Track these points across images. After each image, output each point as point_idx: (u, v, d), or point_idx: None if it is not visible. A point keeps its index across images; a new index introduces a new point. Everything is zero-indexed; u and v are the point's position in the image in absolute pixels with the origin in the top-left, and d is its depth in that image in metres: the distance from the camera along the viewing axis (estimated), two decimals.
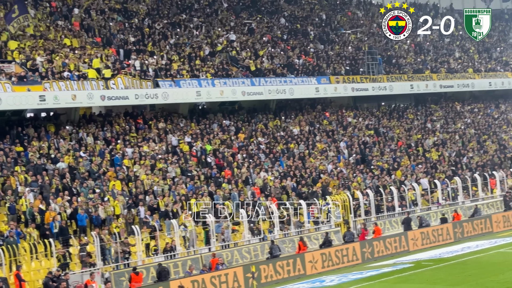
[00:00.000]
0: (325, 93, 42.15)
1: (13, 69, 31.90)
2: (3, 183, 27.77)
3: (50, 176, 28.97)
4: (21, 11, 33.69)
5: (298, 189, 33.60)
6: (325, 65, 44.45)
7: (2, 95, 29.49)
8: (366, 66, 45.50)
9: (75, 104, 32.33)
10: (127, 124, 35.05)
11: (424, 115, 47.73)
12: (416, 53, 51.96)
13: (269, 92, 39.25)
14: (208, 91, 36.87)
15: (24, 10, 34.00)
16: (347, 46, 48.60)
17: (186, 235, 28.25)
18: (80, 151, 31.40)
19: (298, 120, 41.45)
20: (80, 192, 28.51)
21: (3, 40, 33.48)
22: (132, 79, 34.42)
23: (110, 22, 39.45)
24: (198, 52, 40.28)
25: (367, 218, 33.21)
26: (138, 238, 26.54)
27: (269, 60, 42.48)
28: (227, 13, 46.45)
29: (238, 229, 29.94)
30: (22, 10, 33.77)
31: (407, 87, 46.11)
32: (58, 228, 26.16)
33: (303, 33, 48.20)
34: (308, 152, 37.91)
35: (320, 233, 30.78)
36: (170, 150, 34.00)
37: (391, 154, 40.33)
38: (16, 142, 30.56)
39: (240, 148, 36.11)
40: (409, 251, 30.83)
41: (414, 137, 43.55)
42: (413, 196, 35.77)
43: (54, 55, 33.95)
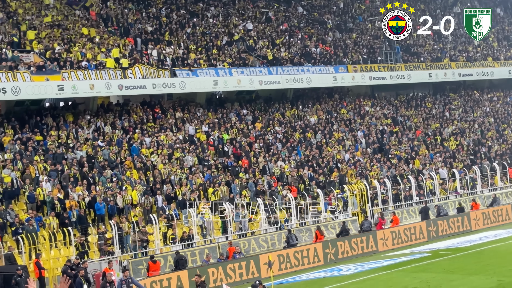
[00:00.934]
0: (343, 82, 41.98)
1: (32, 59, 32.13)
2: (22, 172, 28.04)
3: (69, 165, 29.21)
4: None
5: (316, 178, 33.57)
6: (343, 54, 44.26)
7: (21, 85, 29.72)
8: (384, 55, 45.22)
9: (93, 94, 32.51)
10: (144, 114, 35.20)
11: (443, 104, 47.41)
12: (435, 41, 51.54)
13: (287, 81, 39.16)
14: (225, 80, 36.88)
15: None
16: (365, 34, 48.32)
17: (203, 224, 28.37)
18: (98, 140, 31.61)
19: (315, 109, 41.36)
20: (99, 181, 28.72)
21: (22, 30, 33.69)
22: (149, 68, 34.53)
23: (128, 12, 39.53)
24: (215, 41, 40.28)
25: (385, 208, 33.12)
26: (156, 227, 26.71)
27: (286, 49, 42.38)
28: (244, 2, 46.34)
29: (255, 218, 30.01)
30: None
31: (426, 75, 45.80)
32: (76, 217, 26.41)
33: (320, 22, 47.98)
34: (325, 141, 37.84)
35: (337, 222, 30.77)
36: (187, 139, 34.11)
37: (409, 143, 40.14)
38: (35, 131, 30.83)
39: (257, 137, 36.14)
40: (427, 240, 30.73)
41: (432, 126, 43.29)
42: (431, 186, 35.61)
43: (72, 45, 34.13)
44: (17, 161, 28.33)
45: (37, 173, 28.14)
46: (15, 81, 29.70)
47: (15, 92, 29.53)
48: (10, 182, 27.02)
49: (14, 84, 29.49)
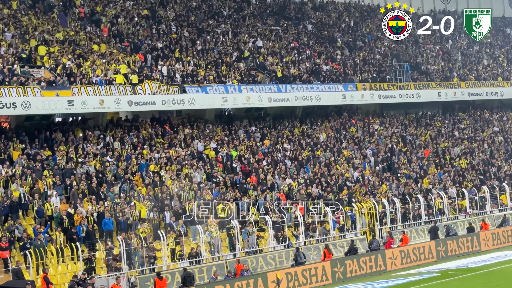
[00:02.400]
0: (352, 100, 41.97)
1: (42, 74, 32.30)
2: (31, 186, 28.07)
3: (78, 180, 29.23)
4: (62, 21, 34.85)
5: (324, 196, 33.46)
6: (352, 72, 44.28)
7: (32, 100, 29.84)
8: (394, 73, 45.23)
9: (103, 109, 32.60)
10: (153, 130, 35.25)
11: (452, 123, 47.28)
12: (444, 61, 51.53)
13: (296, 99, 39.19)
14: (235, 97, 36.93)
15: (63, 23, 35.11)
16: (374, 53, 48.38)
17: (211, 240, 28.28)
18: (107, 156, 31.64)
19: (324, 127, 41.32)
20: (107, 196, 28.71)
21: (32, 46, 33.90)
22: (159, 84, 34.63)
23: (138, 28, 39.76)
24: (225, 58, 40.40)
25: (393, 226, 32.93)
26: (164, 243, 26.63)
27: (295, 67, 42.45)
28: (254, 19, 46.55)
29: (263, 236, 29.89)
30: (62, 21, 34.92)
31: (435, 94, 45.73)
32: (85, 232, 26.37)
33: (330, 40, 48.10)
34: (334, 159, 37.75)
35: (346, 240, 30.61)
36: (196, 156, 34.10)
37: (418, 162, 39.99)
38: (45, 146, 30.91)
39: (265, 155, 36.10)
40: (436, 260, 30.50)
41: (441, 145, 43.14)
42: (440, 205, 35.41)
43: (82, 61, 34.29)
44: (26, 175, 28.37)
45: (46, 188, 28.17)
46: (25, 96, 29.83)
47: (25, 107, 29.65)
48: (18, 196, 27.05)
49: (25, 99, 29.61)
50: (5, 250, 24.32)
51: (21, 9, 36.73)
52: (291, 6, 50.38)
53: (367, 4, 55.71)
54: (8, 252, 24.32)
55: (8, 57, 32.07)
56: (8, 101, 29.15)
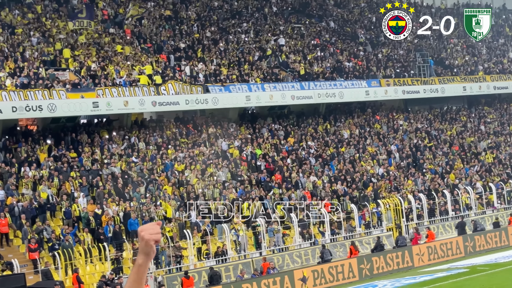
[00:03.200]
0: (375, 96, 41.74)
1: (67, 77, 32.61)
2: (58, 188, 28.38)
3: (104, 181, 29.49)
4: (89, 16, 34.83)
5: (349, 193, 33.36)
6: (375, 68, 44.06)
7: (57, 102, 30.15)
8: (417, 68, 44.89)
9: (127, 110, 32.83)
10: (177, 129, 35.42)
11: (478, 118, 46.81)
12: (469, 54, 51.03)
13: (319, 96, 39.07)
14: (258, 95, 36.94)
15: (91, 16, 35.10)
16: (397, 48, 48.07)
17: (237, 239, 28.34)
18: (132, 157, 31.86)
19: (348, 123, 41.17)
20: (133, 196, 28.92)
21: (57, 49, 34.25)
22: (182, 84, 34.77)
23: (161, 29, 39.96)
24: (247, 57, 40.43)
25: (420, 222, 32.72)
26: (190, 242, 26.75)
27: (318, 64, 42.35)
28: (276, 17, 46.51)
29: (289, 234, 29.88)
30: (89, 16, 34.91)
31: (460, 89, 45.28)
32: (112, 232, 26.60)
33: (352, 36, 47.89)
34: (358, 155, 37.60)
35: (372, 237, 30.47)
36: (220, 155, 34.20)
37: (443, 157, 39.67)
38: (70, 148, 31.21)
39: (289, 152, 36.07)
40: (463, 255, 30.24)
41: (467, 140, 42.75)
42: (467, 200, 35.09)
43: (106, 62, 34.57)
44: (54, 177, 28.69)
45: (73, 189, 28.46)
46: (51, 98, 30.15)
47: (51, 110, 29.96)
48: (46, 198, 27.37)
49: (50, 102, 29.93)
50: (34, 251, 24.64)
51: (45, 13, 37.11)
52: (313, 3, 50.24)
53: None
54: (37, 253, 24.63)
55: (33, 61, 32.44)
56: (34, 104, 29.49)
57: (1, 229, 25.65)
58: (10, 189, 27.31)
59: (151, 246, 3.96)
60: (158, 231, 4.00)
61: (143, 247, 3.96)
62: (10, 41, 33.34)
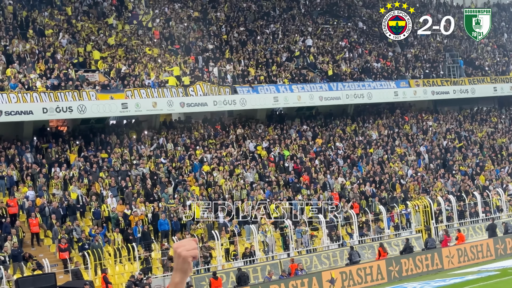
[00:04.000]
0: (404, 97, 41.40)
1: (97, 78, 32.91)
2: (88, 188, 28.65)
3: (133, 181, 29.68)
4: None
5: (378, 195, 33.14)
6: (404, 69, 43.71)
7: (87, 104, 30.44)
8: (447, 69, 44.45)
9: (156, 111, 33.02)
10: (205, 130, 35.51)
11: (509, 118, 46.17)
12: (500, 55, 50.37)
13: (347, 97, 38.89)
14: (286, 96, 36.89)
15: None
16: (426, 48, 47.65)
17: (265, 240, 28.32)
18: (161, 157, 32.03)
19: (377, 124, 40.90)
20: (161, 197, 29.07)
21: (87, 51, 34.59)
22: (210, 85, 34.87)
23: (189, 30, 40.12)
24: (275, 58, 40.40)
25: (449, 224, 32.37)
26: (218, 243, 26.80)
27: (346, 65, 42.15)
28: (304, 18, 46.41)
29: (317, 235, 29.79)
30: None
31: (490, 89, 44.73)
32: (141, 233, 26.77)
33: (380, 37, 47.57)
34: (387, 157, 37.33)
35: (401, 239, 30.23)
36: (248, 156, 34.21)
37: (473, 159, 39.21)
38: (100, 148, 31.48)
39: (317, 154, 35.95)
40: (494, 258, 29.84)
41: (498, 141, 42.20)
42: (498, 202, 34.63)
43: (135, 64, 34.81)
44: (83, 178, 28.97)
45: (102, 190, 28.71)
46: (80, 100, 30.44)
47: (81, 111, 30.26)
48: (76, 198, 27.64)
49: (80, 103, 30.22)
50: (65, 251, 24.90)
51: (75, 15, 37.49)
52: (341, 4, 50.04)
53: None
54: (67, 253, 24.89)
55: (64, 62, 32.79)
56: (65, 105, 29.79)
57: (32, 229, 25.97)
58: (41, 190, 27.64)
59: (189, 263, 3.85)
60: (195, 246, 3.87)
61: (180, 264, 3.85)
62: (41, 43, 33.74)
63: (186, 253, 3.83)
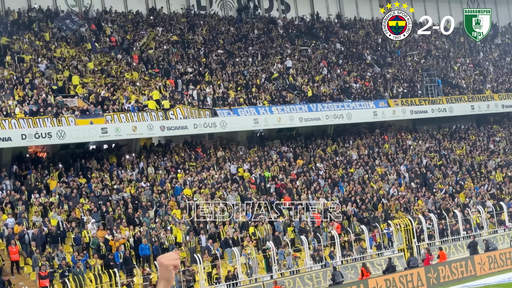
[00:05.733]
0: (383, 116, 41.72)
1: (76, 103, 32.80)
2: (68, 214, 28.41)
3: (114, 206, 29.50)
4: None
5: (359, 214, 33.21)
6: (383, 89, 44.10)
7: (66, 129, 30.30)
8: (425, 88, 44.90)
9: (136, 136, 32.94)
10: (186, 153, 35.47)
11: (487, 136, 46.67)
12: (476, 73, 51.03)
13: (327, 117, 39.10)
14: (266, 118, 37.01)
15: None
16: (404, 68, 48.16)
17: (248, 262, 28.22)
18: (142, 182, 31.89)
19: (357, 144, 41.13)
20: (143, 221, 28.90)
21: (66, 76, 34.51)
22: (190, 109, 34.90)
23: (168, 54, 40.22)
24: (255, 80, 40.58)
25: (431, 243, 32.50)
26: (200, 267, 26.66)
27: (325, 86, 42.44)
28: (282, 40, 46.75)
29: (299, 256, 29.74)
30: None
31: (468, 108, 45.23)
32: (122, 258, 26.55)
33: (359, 57, 48.03)
34: (367, 176, 37.49)
35: (383, 258, 30.28)
36: (229, 178, 34.18)
37: (453, 177, 39.50)
38: (80, 174, 31.29)
39: (299, 174, 36.01)
40: (476, 275, 29.97)
41: (477, 159, 42.59)
42: (478, 219, 34.86)
43: (115, 88, 34.77)
44: (63, 204, 28.73)
45: (83, 215, 28.49)
46: (59, 125, 30.30)
47: (60, 136, 30.10)
48: (56, 225, 27.39)
49: (59, 129, 30.08)
50: (45, 278, 24.62)
51: (53, 40, 37.45)
52: (319, 25, 50.51)
53: None
54: (47, 281, 24.60)
55: (42, 88, 32.67)
56: (44, 131, 29.64)
57: (12, 257, 25.66)
58: (21, 217, 27.36)
59: (170, 271, 4.26)
60: (177, 257, 4.30)
61: (163, 272, 4.26)
62: (19, 69, 33.62)
63: (168, 262, 4.26)
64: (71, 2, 41.61)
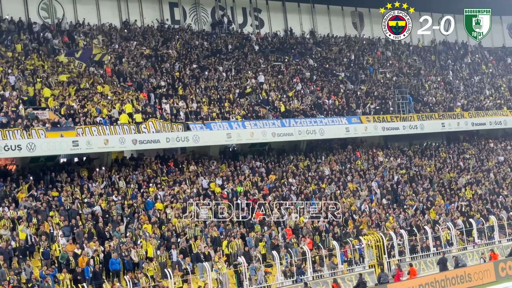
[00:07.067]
0: (356, 133, 42.02)
1: (47, 116, 32.48)
2: (37, 228, 28.01)
3: (84, 220, 29.17)
4: (83, 58, 35.22)
5: (331, 230, 33.29)
6: (355, 105, 44.44)
7: (36, 141, 29.96)
8: (396, 105, 45.37)
9: (108, 149, 32.70)
10: (158, 167, 35.28)
11: (457, 154, 47.23)
12: (447, 91, 51.72)
13: (299, 133, 39.26)
14: (239, 133, 37.03)
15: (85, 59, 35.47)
16: (376, 85, 48.62)
17: (219, 278, 28.07)
18: (113, 195, 31.62)
19: (329, 160, 41.31)
20: (113, 236, 28.61)
21: (37, 88, 34.18)
22: (163, 122, 34.79)
23: (141, 67, 40.09)
24: (228, 94, 40.63)
25: (402, 259, 32.68)
26: (171, 282, 26.44)
27: (298, 101, 42.63)
28: (256, 55, 46.93)
29: (271, 272, 29.67)
30: (84, 58, 35.27)
31: (439, 125, 45.79)
32: (92, 273, 26.21)
33: (332, 74, 48.39)
34: (339, 192, 37.64)
35: (354, 274, 30.35)
36: (201, 193, 34.05)
37: (423, 194, 39.84)
38: (50, 187, 30.92)
39: (271, 190, 36.02)
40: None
41: (447, 176, 43.03)
42: (448, 236, 35.17)
43: (86, 101, 34.51)
44: (32, 217, 28.33)
45: (52, 229, 28.10)
46: (30, 138, 29.97)
47: (30, 149, 29.77)
48: (25, 239, 26.97)
49: (29, 141, 29.74)
50: None
51: (25, 52, 37.11)
52: (292, 41, 50.83)
53: (367, 37, 56.17)
54: None
55: (12, 99, 32.31)
56: (13, 143, 29.28)
57: None
58: None
59: None
60: None
61: None
62: None
63: None
64: (44, 14, 41.36)
